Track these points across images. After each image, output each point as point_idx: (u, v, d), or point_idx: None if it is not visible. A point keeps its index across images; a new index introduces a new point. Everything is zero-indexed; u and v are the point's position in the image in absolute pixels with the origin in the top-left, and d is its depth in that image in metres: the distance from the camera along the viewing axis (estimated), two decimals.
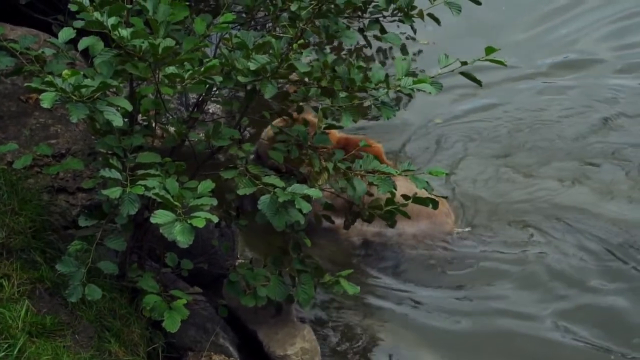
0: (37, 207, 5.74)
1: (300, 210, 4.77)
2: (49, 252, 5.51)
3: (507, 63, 5.21)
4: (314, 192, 4.76)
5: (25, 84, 4.91)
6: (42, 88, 4.50)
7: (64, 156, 6.19)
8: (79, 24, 4.84)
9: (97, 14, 4.62)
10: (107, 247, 5.09)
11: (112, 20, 4.63)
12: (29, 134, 6.30)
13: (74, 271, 4.92)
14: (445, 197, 5.90)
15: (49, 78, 4.51)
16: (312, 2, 5.11)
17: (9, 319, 4.86)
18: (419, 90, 5.08)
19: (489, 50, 5.19)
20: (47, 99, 4.43)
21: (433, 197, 5.52)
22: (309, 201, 4.78)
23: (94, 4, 4.72)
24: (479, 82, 5.44)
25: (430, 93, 5.09)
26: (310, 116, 6.05)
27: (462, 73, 5.33)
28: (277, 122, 5.96)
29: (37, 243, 5.52)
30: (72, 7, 4.74)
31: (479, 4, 5.69)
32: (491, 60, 5.21)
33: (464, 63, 5.26)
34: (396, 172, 5.36)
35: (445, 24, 6.00)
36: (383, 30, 5.91)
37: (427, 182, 5.35)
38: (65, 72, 4.54)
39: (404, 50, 7.58)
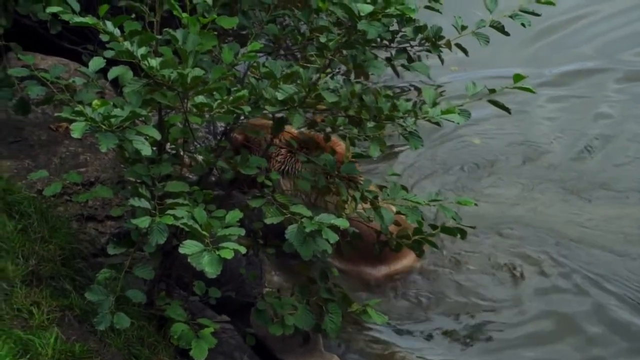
0: (66, 234, 5.76)
1: (327, 240, 4.77)
2: (78, 280, 5.52)
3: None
4: (341, 222, 4.74)
5: (56, 114, 4.94)
6: (72, 117, 4.51)
7: (93, 184, 6.23)
8: (109, 53, 4.87)
9: (127, 44, 4.64)
10: (135, 275, 5.08)
11: (141, 50, 4.65)
12: (58, 162, 6.35)
13: (102, 299, 4.92)
14: (473, 227, 5.85)
15: (79, 107, 4.52)
16: (340, 33, 5.12)
17: (38, 346, 4.86)
18: (447, 120, 5.08)
19: (517, 77, 5.18)
20: (77, 129, 4.44)
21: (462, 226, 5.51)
22: (336, 231, 4.77)
23: (124, 34, 4.75)
24: (507, 110, 5.41)
25: (458, 123, 5.08)
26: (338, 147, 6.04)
27: (491, 101, 5.32)
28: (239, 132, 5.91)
29: (66, 271, 5.53)
30: (104, 38, 4.77)
31: (507, 34, 5.67)
32: (520, 88, 5.20)
33: (492, 91, 5.25)
34: (423, 202, 5.36)
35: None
36: (410, 60, 5.90)
37: (455, 213, 5.35)
38: (95, 102, 4.56)
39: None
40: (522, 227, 7.84)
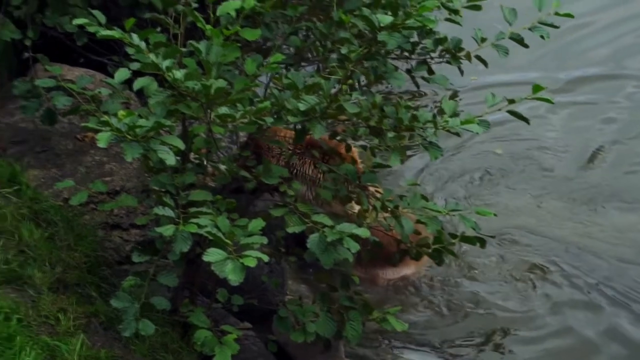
0: (92, 242, 5.81)
1: (348, 249, 4.79)
2: (104, 287, 5.57)
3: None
4: (362, 232, 4.77)
5: (82, 124, 4.98)
6: (98, 128, 4.56)
7: (119, 193, 6.27)
8: (135, 65, 4.90)
9: (152, 56, 4.69)
10: (159, 282, 5.11)
11: (167, 63, 4.69)
12: (84, 172, 6.40)
13: (127, 306, 4.96)
14: (493, 237, 5.86)
15: (105, 118, 4.57)
16: (361, 45, 5.15)
17: (65, 352, 4.90)
18: (466, 130, 5.10)
19: (537, 88, 5.20)
20: (103, 139, 4.49)
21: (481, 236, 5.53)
22: (357, 240, 4.80)
23: (149, 46, 4.80)
24: (526, 120, 5.43)
25: (477, 133, 5.11)
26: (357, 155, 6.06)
27: (510, 111, 5.34)
28: None
29: (92, 278, 5.58)
30: (130, 51, 4.81)
31: (527, 46, 5.68)
32: (538, 99, 5.22)
33: (511, 101, 5.27)
34: (444, 211, 5.38)
35: None
36: (431, 71, 5.92)
37: (474, 222, 5.37)
38: (121, 112, 4.60)
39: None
40: (532, 237, 7.77)
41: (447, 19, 5.62)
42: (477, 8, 5.58)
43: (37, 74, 6.55)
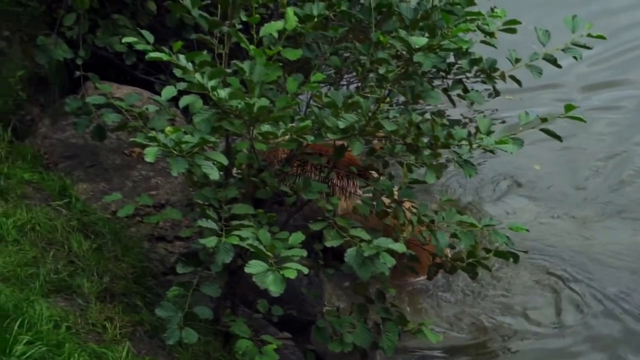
0: (138, 254, 5.87)
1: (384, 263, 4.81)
2: (149, 297, 5.63)
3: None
4: (398, 247, 4.79)
5: (130, 139, 5.04)
6: (146, 143, 4.61)
7: (164, 206, 6.32)
8: (181, 85, 4.95)
9: (198, 76, 4.74)
10: (202, 293, 5.16)
11: (212, 83, 4.74)
12: (131, 185, 6.45)
13: (172, 315, 5.01)
14: (526, 252, 5.84)
15: (153, 134, 4.63)
16: (399, 65, 5.18)
17: (111, 359, 4.93)
18: (500, 149, 5.11)
19: (568, 107, 5.20)
20: (150, 154, 4.54)
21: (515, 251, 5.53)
22: (393, 255, 4.82)
23: (195, 66, 4.85)
24: (559, 138, 5.42)
25: (511, 153, 5.11)
26: None
27: (543, 129, 5.33)
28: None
29: (137, 288, 5.64)
30: (177, 72, 4.87)
31: (560, 67, 5.68)
32: (571, 117, 5.22)
33: (544, 120, 5.27)
34: (479, 226, 5.39)
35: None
36: (466, 90, 5.93)
37: (507, 237, 5.37)
38: (168, 128, 4.65)
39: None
40: (553, 250, 7.77)
41: (483, 42, 5.63)
42: (512, 31, 5.58)
43: (88, 91, 6.64)
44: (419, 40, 4.89)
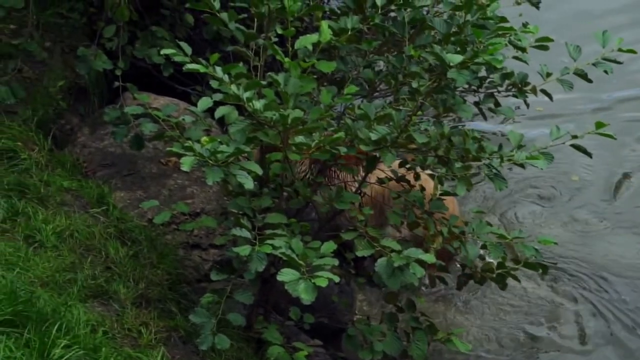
0: (173, 261, 5.89)
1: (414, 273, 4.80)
2: (183, 303, 5.64)
3: None
4: (427, 257, 4.77)
5: (167, 149, 5.06)
6: (182, 152, 4.63)
7: (199, 215, 6.34)
8: (217, 96, 4.97)
9: (234, 88, 4.76)
10: (236, 300, 5.17)
11: (247, 94, 4.76)
12: (167, 194, 6.48)
13: (205, 321, 5.02)
14: (555, 264, 5.82)
15: (189, 143, 4.64)
16: (431, 79, 5.17)
17: None
18: (530, 164, 5.08)
19: (599, 125, 5.17)
20: (186, 163, 4.55)
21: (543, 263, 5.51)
22: (422, 265, 4.80)
23: (231, 78, 4.87)
24: (589, 155, 5.39)
25: (541, 169, 5.09)
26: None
27: (573, 145, 5.30)
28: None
29: (172, 294, 5.65)
30: (214, 84, 4.89)
31: (590, 81, 5.65)
32: (601, 134, 5.19)
33: (575, 137, 5.24)
34: (508, 237, 5.37)
35: None
36: (497, 104, 5.90)
37: (536, 250, 5.35)
38: (204, 138, 4.67)
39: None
40: (571, 263, 7.67)
41: (515, 57, 5.61)
42: (544, 48, 5.57)
43: (126, 101, 6.70)
44: (455, 57, 4.86)
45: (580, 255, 7.74)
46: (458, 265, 6.14)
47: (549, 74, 5.67)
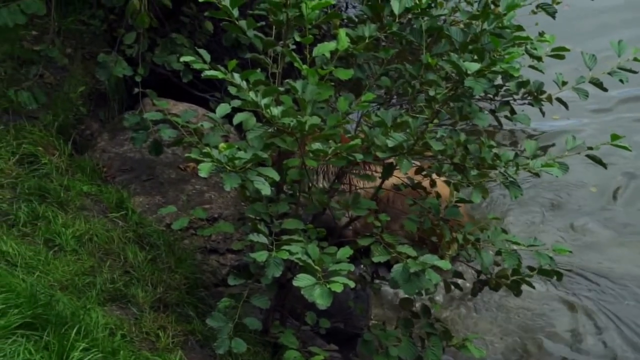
0: (191, 265, 5.90)
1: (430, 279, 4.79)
2: (201, 307, 5.64)
3: None
4: (443, 264, 4.76)
5: (185, 154, 5.08)
6: (200, 158, 4.65)
7: (217, 220, 6.35)
8: (236, 102, 4.99)
9: (252, 94, 4.77)
10: (252, 304, 5.16)
11: (265, 101, 4.77)
12: (186, 199, 6.49)
13: (222, 326, 5.02)
14: (570, 270, 5.80)
15: (207, 149, 4.66)
16: (448, 87, 5.16)
17: None
18: (546, 172, 5.07)
19: (614, 137, 5.15)
20: (204, 169, 4.57)
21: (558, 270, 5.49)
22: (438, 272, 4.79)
23: (249, 84, 4.88)
24: (604, 165, 5.37)
25: (557, 177, 5.08)
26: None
27: (589, 156, 5.28)
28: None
29: (190, 298, 5.66)
30: (232, 90, 4.90)
31: (606, 90, 5.63)
32: (616, 145, 5.17)
33: (590, 148, 5.22)
34: (523, 245, 5.35)
35: None
36: (513, 112, 5.90)
37: (550, 258, 5.33)
38: (222, 145, 4.68)
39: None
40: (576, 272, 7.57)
41: (531, 66, 5.60)
42: (560, 57, 5.56)
43: (146, 107, 6.71)
44: (472, 65, 4.85)
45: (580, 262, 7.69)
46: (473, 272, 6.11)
47: (564, 83, 5.66)
